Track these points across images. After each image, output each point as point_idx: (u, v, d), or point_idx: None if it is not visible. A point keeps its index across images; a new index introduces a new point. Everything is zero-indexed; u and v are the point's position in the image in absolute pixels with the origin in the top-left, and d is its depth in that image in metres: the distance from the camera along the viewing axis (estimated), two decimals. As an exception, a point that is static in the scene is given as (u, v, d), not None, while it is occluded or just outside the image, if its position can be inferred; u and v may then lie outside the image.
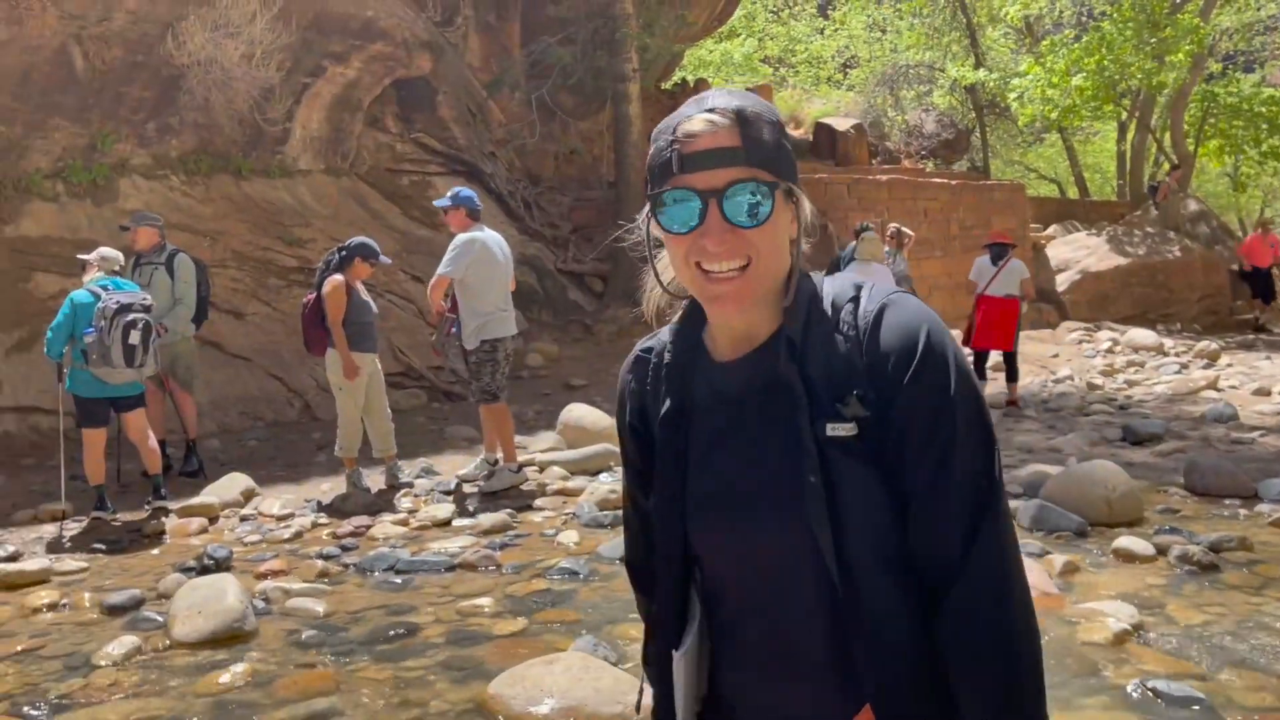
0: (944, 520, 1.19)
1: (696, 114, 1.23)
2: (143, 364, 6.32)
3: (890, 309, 1.23)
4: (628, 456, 1.45)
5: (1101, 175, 30.59)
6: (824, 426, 1.20)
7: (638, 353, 1.43)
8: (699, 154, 1.21)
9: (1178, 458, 7.38)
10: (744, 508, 1.25)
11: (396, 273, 11.96)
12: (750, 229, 1.21)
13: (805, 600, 1.24)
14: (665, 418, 1.33)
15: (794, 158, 1.28)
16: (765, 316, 1.29)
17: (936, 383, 1.20)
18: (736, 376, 1.30)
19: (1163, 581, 4.94)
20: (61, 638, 4.63)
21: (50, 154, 9.59)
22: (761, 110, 1.24)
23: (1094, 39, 18.10)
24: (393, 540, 6.02)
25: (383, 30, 12.15)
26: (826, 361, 1.23)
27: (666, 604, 1.35)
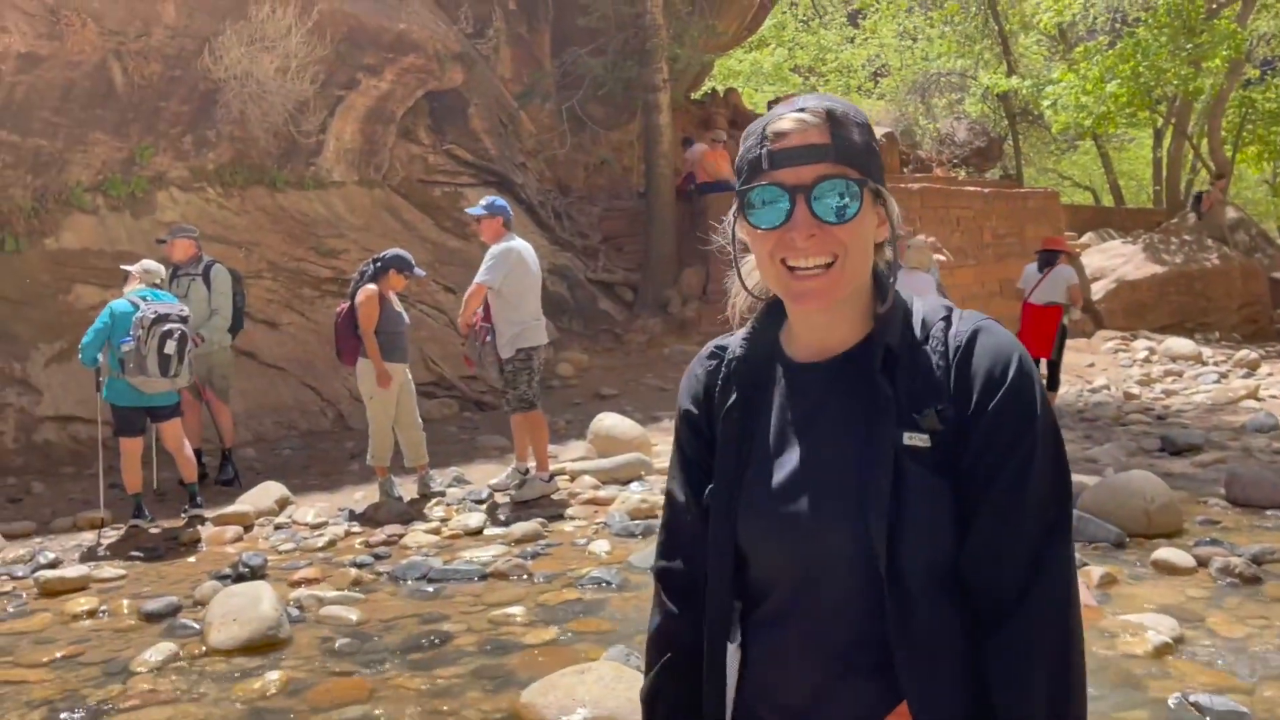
0: (1011, 542, 1.19)
1: (787, 113, 1.25)
2: (177, 374, 6.39)
3: (983, 334, 1.25)
4: (682, 450, 1.43)
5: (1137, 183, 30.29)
6: (901, 434, 1.21)
7: (712, 348, 1.43)
8: (788, 150, 1.23)
9: (1218, 468, 7.26)
10: (805, 508, 1.25)
11: (428, 283, 12.04)
12: (838, 225, 1.22)
13: (851, 602, 1.23)
14: (730, 411, 1.34)
15: (882, 161, 1.29)
16: (848, 321, 1.30)
17: (1021, 410, 1.21)
18: (816, 379, 1.31)
19: (1204, 594, 4.86)
20: (100, 644, 4.69)
21: (90, 167, 9.74)
22: (851, 112, 1.26)
23: (1129, 45, 17.93)
24: (425, 549, 6.05)
25: (415, 43, 12.25)
26: (912, 374, 1.24)
27: (719, 597, 1.34)
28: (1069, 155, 30.09)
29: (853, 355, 1.29)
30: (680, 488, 1.42)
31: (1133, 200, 27.90)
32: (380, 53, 11.86)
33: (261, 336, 10.01)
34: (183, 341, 6.39)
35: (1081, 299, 10.26)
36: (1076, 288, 10.07)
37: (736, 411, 1.33)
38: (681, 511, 1.42)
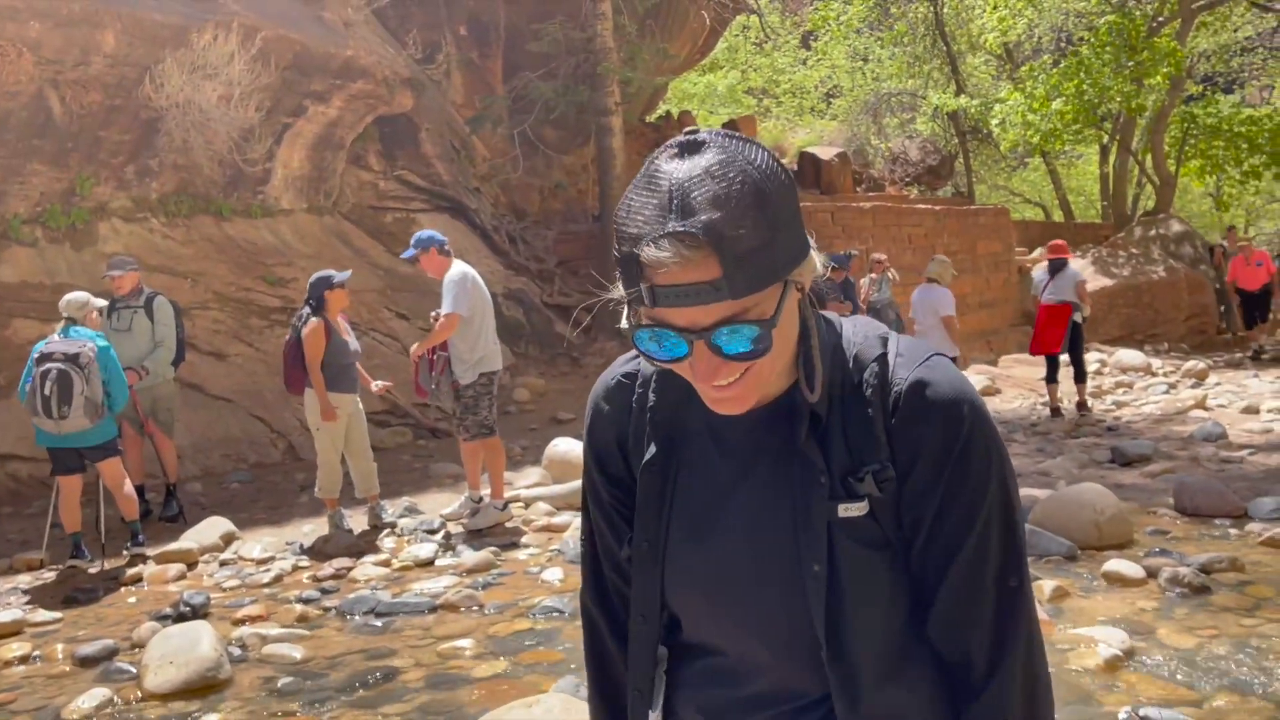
0: (974, 620, 1.13)
1: (659, 235, 1.00)
2: (63, 415, 6.12)
3: (928, 384, 1.10)
4: (596, 493, 1.29)
5: (1085, 198, 30.79)
6: (835, 508, 1.10)
7: (619, 377, 1.27)
8: (672, 289, 1.00)
9: (1167, 478, 7.32)
10: (739, 579, 1.15)
11: (381, 310, 11.92)
12: (742, 357, 1.05)
13: (801, 664, 1.15)
14: (650, 464, 1.20)
15: (790, 220, 1.05)
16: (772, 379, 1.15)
17: (976, 477, 1.10)
18: (741, 434, 1.17)
19: (1154, 605, 4.88)
20: (32, 691, 4.53)
21: (28, 199, 9.54)
22: (741, 199, 1.00)
23: (1073, 64, 18.26)
24: (374, 582, 5.93)
25: (363, 69, 12.18)
26: (845, 430, 1.12)
27: (641, 661, 1.24)
28: (1019, 172, 30.53)
29: (779, 408, 1.15)
30: (602, 535, 1.31)
31: (1082, 215, 28.35)
32: (327, 79, 11.77)
33: (209, 368, 9.82)
34: (62, 380, 6.10)
35: (1088, 298, 10.64)
36: (1083, 285, 10.42)
37: (658, 465, 1.20)
38: (604, 551, 1.31)
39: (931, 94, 24.48)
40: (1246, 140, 19.25)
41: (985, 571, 1.12)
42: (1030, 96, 18.72)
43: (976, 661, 1.13)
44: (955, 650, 1.15)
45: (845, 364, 1.14)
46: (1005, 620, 1.13)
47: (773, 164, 1.06)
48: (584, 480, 1.34)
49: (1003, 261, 18.30)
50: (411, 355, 6.84)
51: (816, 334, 1.13)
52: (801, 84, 32.01)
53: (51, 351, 6.17)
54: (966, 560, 1.12)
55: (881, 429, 1.11)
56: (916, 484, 1.11)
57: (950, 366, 1.14)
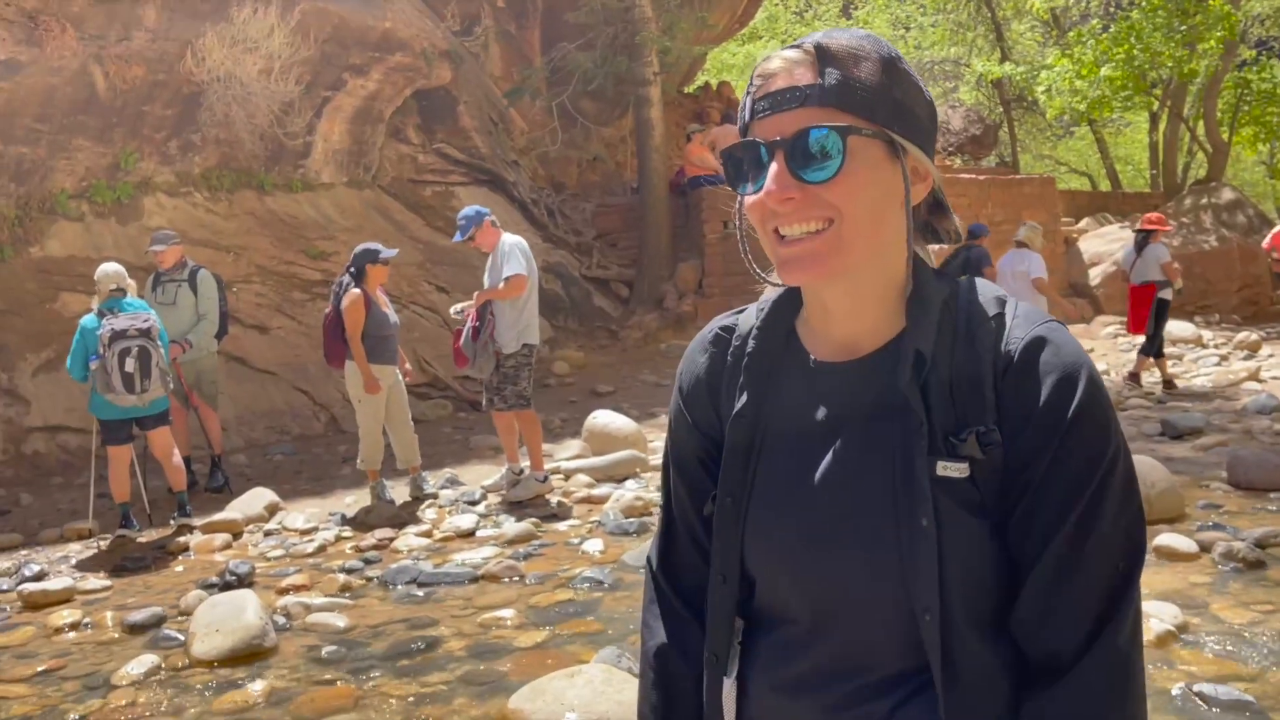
0: (1072, 603, 1.01)
1: (782, 50, 1.05)
2: (145, 389, 6.27)
3: (1045, 345, 1.03)
4: (680, 450, 1.24)
5: (1133, 167, 30.15)
6: (934, 464, 1.03)
7: (717, 330, 1.23)
8: (771, 96, 1.04)
9: (1219, 451, 7.16)
10: (828, 538, 1.08)
11: (421, 283, 11.95)
12: (819, 184, 1.01)
13: (881, 635, 1.08)
14: (740, 416, 1.15)
15: (915, 106, 1.05)
16: (874, 311, 1.10)
17: (1089, 448, 1.01)
18: (838, 384, 1.11)
19: (1207, 580, 4.77)
20: (82, 657, 4.60)
21: (74, 174, 9.65)
22: (864, 46, 1.04)
23: (1122, 28, 17.79)
24: (416, 552, 5.96)
25: (402, 41, 12.16)
26: (952, 387, 1.05)
27: (719, 623, 1.18)
28: (1065, 141, 29.94)
29: (883, 357, 1.09)
30: (678, 490, 1.25)
31: (1129, 184, 27.78)
32: (366, 52, 11.76)
33: (252, 341, 9.92)
34: (143, 356, 6.24)
35: (1176, 274, 10.51)
36: (1170, 264, 10.34)
37: (748, 415, 1.15)
38: (680, 515, 1.26)
39: (975, 62, 24.02)
40: (1302, 106, 18.71)
41: (1088, 551, 1.01)
42: (1078, 63, 18.28)
43: (1063, 649, 1.01)
44: (1041, 638, 1.03)
45: (958, 319, 1.08)
46: (1107, 607, 1.01)
47: (914, 71, 1.09)
48: (668, 437, 1.29)
49: (1048, 232, 17.94)
50: (466, 311, 6.77)
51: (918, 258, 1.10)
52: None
53: (125, 329, 6.25)
54: (1068, 537, 1.01)
55: (990, 388, 1.04)
56: (1022, 451, 1.02)
57: (1070, 335, 1.06)
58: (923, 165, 1.07)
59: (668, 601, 1.27)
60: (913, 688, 1.06)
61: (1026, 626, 1.04)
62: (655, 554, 1.30)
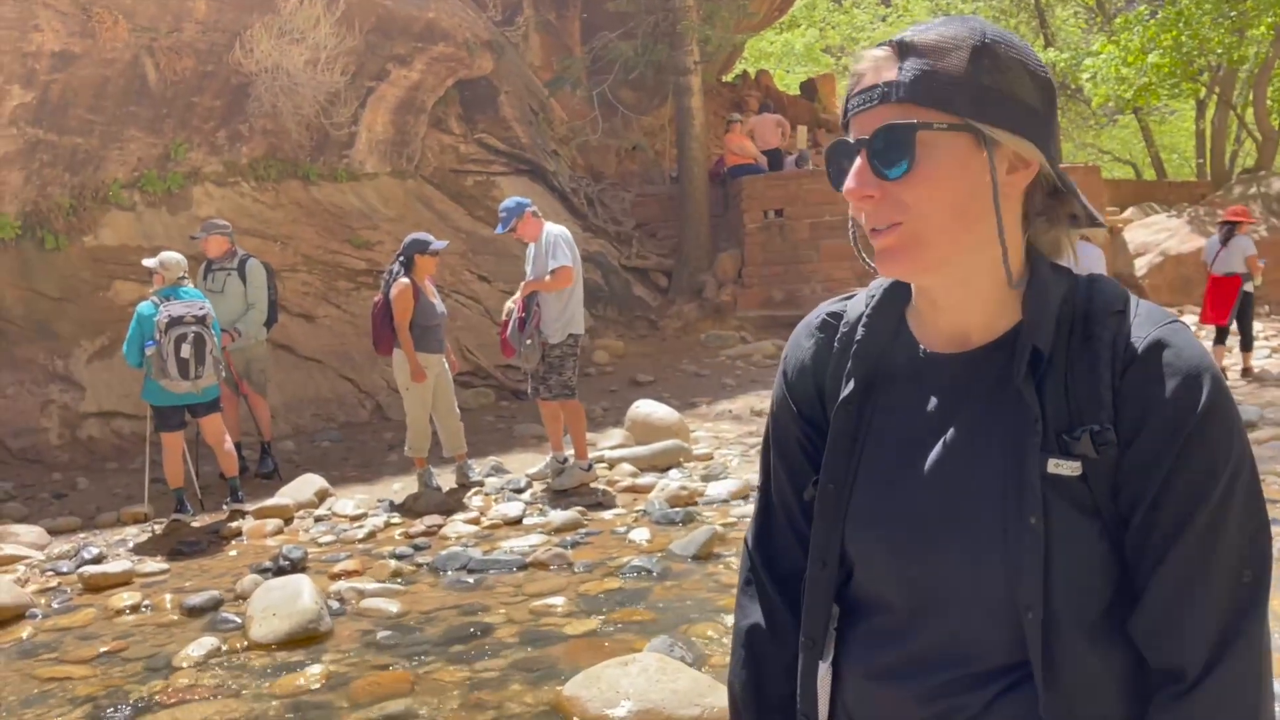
0: (1196, 616, 0.99)
1: (874, 48, 1.07)
2: (199, 375, 6.37)
3: (1168, 345, 1.00)
4: (781, 432, 1.25)
5: (1179, 156, 29.68)
6: (1046, 461, 1.01)
7: (825, 315, 1.23)
8: (859, 94, 1.05)
9: (1275, 445, 7.06)
10: (933, 529, 1.08)
11: (463, 272, 12.04)
12: (896, 181, 1.02)
13: (980, 630, 1.07)
14: (846, 402, 1.15)
15: (1016, 89, 1.03)
16: (984, 303, 1.09)
17: (1211, 453, 0.98)
18: (949, 375, 1.11)
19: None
20: (143, 639, 4.70)
21: (126, 164, 9.81)
22: (955, 35, 1.02)
23: (1170, 14, 17.49)
24: (464, 539, 6.02)
25: (445, 31, 12.22)
26: (1067, 383, 1.03)
27: (817, 608, 1.19)
28: (1109, 129, 29.52)
29: (996, 350, 1.08)
30: (779, 473, 1.26)
31: (1175, 173, 27.35)
32: (409, 42, 11.84)
33: (298, 329, 10.04)
34: (198, 343, 6.36)
35: (1259, 268, 10.50)
36: (1254, 257, 10.34)
37: (854, 402, 1.15)
38: (780, 498, 1.26)
39: (1018, 49, 23.70)
40: (1357, 93, 18.32)
41: (1213, 560, 0.98)
42: (1125, 50, 18.01)
43: (1189, 662, 0.98)
44: (1165, 650, 1.00)
45: (1077, 313, 1.06)
46: (1231, 619, 0.98)
47: (1022, 42, 1.06)
48: (769, 421, 1.29)
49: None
50: (515, 300, 6.82)
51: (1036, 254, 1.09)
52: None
53: (181, 315, 6.37)
54: (1192, 545, 0.99)
55: (1108, 387, 1.02)
56: (1141, 453, 1.00)
57: (1193, 335, 1.04)
58: (1026, 151, 1.04)
59: (762, 583, 1.28)
60: (1010, 682, 1.05)
61: (1148, 637, 1.02)
62: (752, 535, 1.31)
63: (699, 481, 6.91)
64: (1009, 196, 1.06)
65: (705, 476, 7.04)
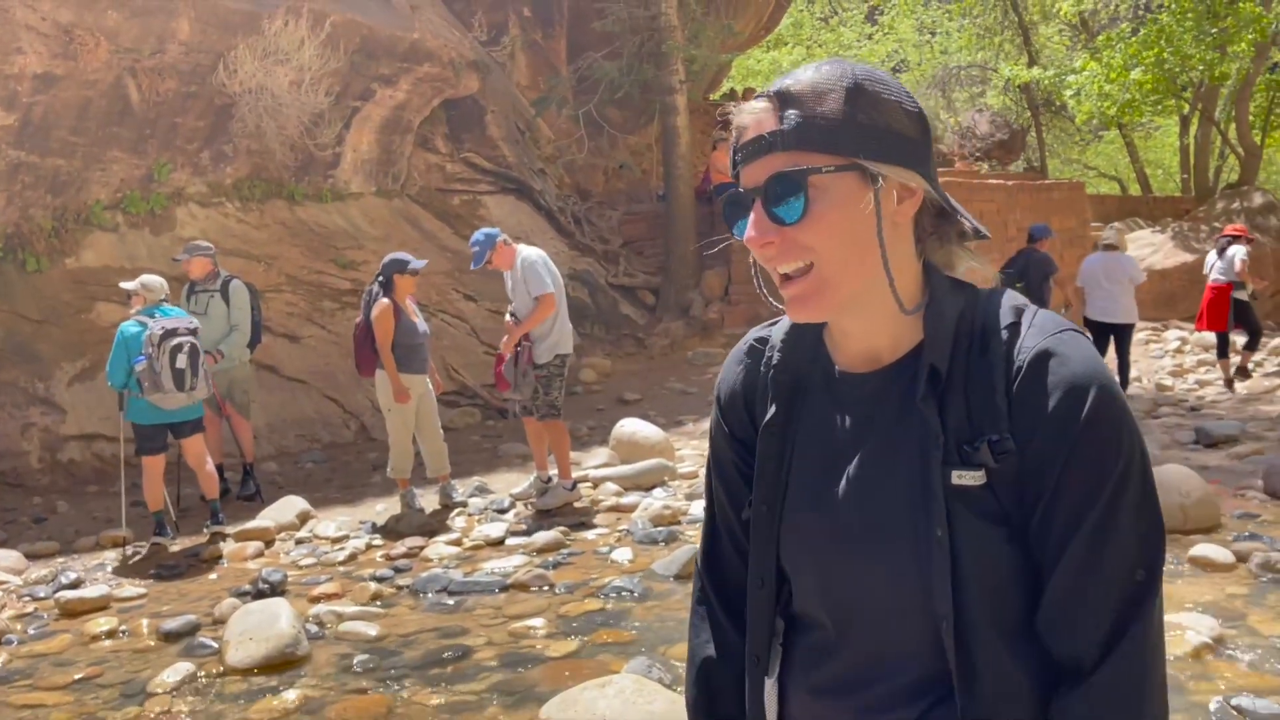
0: (1088, 614, 1.03)
1: (750, 101, 1.10)
2: (193, 387, 6.38)
3: (1056, 355, 1.04)
4: (719, 457, 1.30)
5: (1164, 171, 29.86)
6: (949, 473, 1.05)
7: (752, 342, 1.28)
8: (744, 146, 1.09)
9: (1255, 460, 7.08)
10: (852, 545, 1.12)
11: (449, 292, 12.03)
12: (792, 226, 1.05)
13: (906, 640, 1.11)
14: (770, 424, 1.20)
15: (892, 123, 1.07)
16: (889, 326, 1.13)
17: (1098, 458, 1.02)
18: (861, 395, 1.15)
19: (1244, 591, 4.72)
20: (119, 665, 4.66)
21: (109, 185, 9.79)
22: (827, 79, 1.06)
23: (1152, 31, 17.63)
24: (446, 561, 5.99)
25: (429, 52, 12.25)
26: (967, 396, 1.07)
27: (759, 626, 1.23)
28: (1094, 145, 29.69)
29: (904, 367, 1.12)
30: (719, 495, 1.31)
31: (1160, 188, 27.50)
32: (394, 62, 11.86)
33: (282, 350, 10.01)
34: (194, 354, 6.37)
35: (1246, 276, 10.62)
36: (1243, 264, 10.48)
37: (777, 425, 1.19)
38: (722, 520, 1.31)
39: (1003, 66, 23.88)
40: (1338, 108, 18.47)
41: (1104, 559, 1.02)
42: (1107, 67, 18.13)
43: (1084, 656, 1.03)
44: (1063, 644, 1.04)
45: (976, 327, 1.10)
46: (1124, 613, 1.02)
47: (889, 78, 1.10)
48: (709, 445, 1.34)
49: (1078, 237, 17.81)
50: (504, 347, 6.80)
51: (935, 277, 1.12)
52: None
53: (175, 327, 6.37)
54: (1083, 544, 1.03)
55: (1003, 397, 1.05)
56: (1035, 459, 1.04)
57: (1084, 342, 1.07)
58: (910, 180, 1.08)
59: (712, 603, 1.33)
60: (944, 692, 1.09)
61: (1048, 633, 1.06)
62: (701, 557, 1.35)
63: (683, 500, 6.89)
64: (900, 225, 1.10)
65: (689, 495, 7.03)
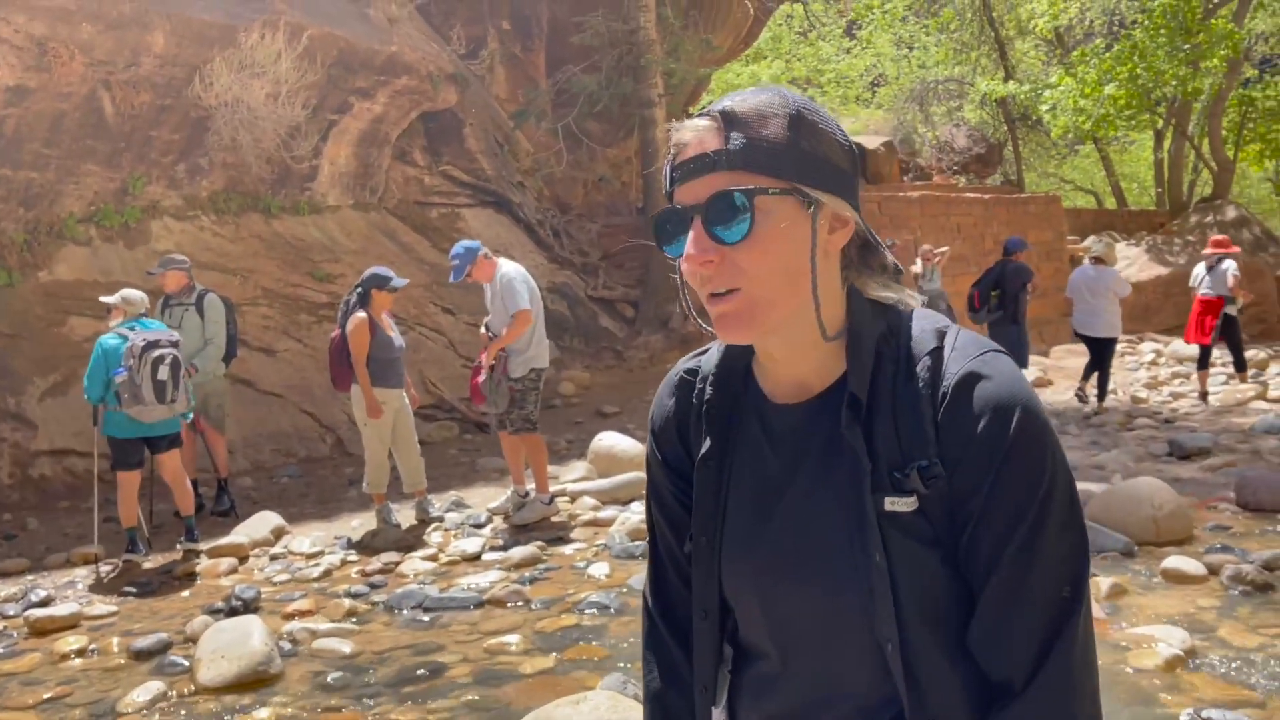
0: (1016, 630, 1.04)
1: (693, 119, 1.09)
2: (174, 399, 6.32)
3: (980, 377, 1.04)
4: (657, 488, 1.29)
5: (1139, 185, 30.15)
6: (881, 499, 1.06)
7: (681, 374, 1.27)
8: (684, 164, 1.07)
9: (1227, 472, 7.14)
10: (791, 574, 1.12)
11: (427, 305, 11.99)
12: (734, 245, 1.04)
13: (850, 666, 1.11)
14: (705, 458, 1.19)
15: (829, 154, 1.07)
16: (815, 355, 1.12)
17: (1024, 478, 1.02)
18: (792, 425, 1.15)
19: (1215, 603, 4.75)
20: (88, 684, 4.60)
21: (83, 199, 9.72)
22: (770, 104, 1.06)
23: (1126, 47, 17.86)
24: (422, 576, 5.95)
25: (408, 64, 12.24)
26: (895, 422, 1.07)
27: (705, 656, 1.23)
28: (1070, 159, 29.97)
29: (832, 396, 1.12)
30: (661, 526, 1.30)
31: (1135, 202, 27.76)
32: (372, 75, 11.84)
33: (258, 364, 9.95)
34: (175, 366, 6.32)
35: (1239, 290, 10.74)
36: (1236, 279, 10.58)
37: (713, 458, 1.19)
38: (666, 551, 1.30)
39: (979, 81, 24.10)
40: (1308, 123, 18.74)
41: (1030, 578, 1.03)
42: (1082, 81, 18.34)
43: (1014, 674, 1.03)
44: (993, 663, 1.05)
45: (899, 353, 1.10)
46: (1051, 630, 1.03)
47: (823, 109, 1.10)
48: (647, 477, 1.33)
49: (1054, 250, 17.98)
50: (484, 362, 6.78)
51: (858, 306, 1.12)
52: (846, 73, 31.67)
53: (158, 339, 6.32)
54: (1009, 564, 1.03)
55: (930, 423, 1.06)
56: (963, 481, 1.04)
57: (1008, 363, 1.07)
58: (842, 210, 1.09)
59: (660, 635, 1.32)
60: (893, 714, 1.10)
61: (980, 652, 1.07)
62: (648, 588, 1.34)
63: (660, 514, 6.87)
64: (830, 254, 1.11)
65: (667, 509, 7.01)
